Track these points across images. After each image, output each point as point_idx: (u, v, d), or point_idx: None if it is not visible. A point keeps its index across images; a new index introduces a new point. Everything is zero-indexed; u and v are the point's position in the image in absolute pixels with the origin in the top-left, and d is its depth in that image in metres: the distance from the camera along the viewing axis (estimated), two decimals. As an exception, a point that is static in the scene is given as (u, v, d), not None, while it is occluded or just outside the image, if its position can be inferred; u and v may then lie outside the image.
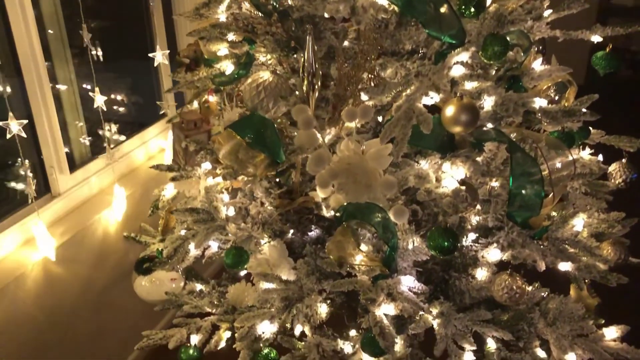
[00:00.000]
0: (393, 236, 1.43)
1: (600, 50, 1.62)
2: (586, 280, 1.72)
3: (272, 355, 1.61)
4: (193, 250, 1.92)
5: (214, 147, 1.50)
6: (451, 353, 1.55)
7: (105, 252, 2.17)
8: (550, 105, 1.56)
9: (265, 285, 1.62)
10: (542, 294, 1.67)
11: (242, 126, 1.50)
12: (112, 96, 2.75)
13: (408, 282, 1.46)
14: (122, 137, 2.44)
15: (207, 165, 1.62)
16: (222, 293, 1.84)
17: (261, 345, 1.63)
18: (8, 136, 1.72)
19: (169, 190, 2.03)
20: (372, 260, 1.48)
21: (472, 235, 1.59)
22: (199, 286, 1.86)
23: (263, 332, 1.60)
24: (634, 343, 1.56)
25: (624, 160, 1.80)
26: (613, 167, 1.81)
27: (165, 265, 1.72)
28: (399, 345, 1.55)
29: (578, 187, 1.82)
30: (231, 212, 1.65)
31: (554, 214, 1.66)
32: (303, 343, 1.57)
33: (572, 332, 1.55)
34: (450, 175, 1.37)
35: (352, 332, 1.70)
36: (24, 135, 1.70)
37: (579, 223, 1.55)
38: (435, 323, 1.53)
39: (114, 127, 2.45)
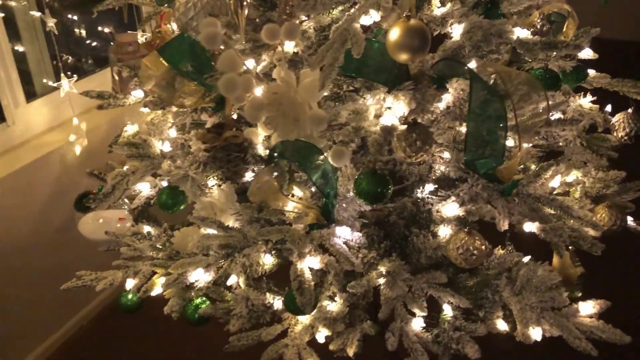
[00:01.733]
0: (330, 184, 1.25)
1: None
2: (570, 247, 1.50)
3: (203, 305, 1.47)
4: (147, 190, 1.79)
5: (139, 74, 1.33)
6: (397, 317, 1.38)
7: (63, 188, 2.07)
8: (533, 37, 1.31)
9: (206, 230, 1.48)
10: (516, 258, 1.46)
11: (169, 50, 1.33)
12: (99, 28, 2.61)
13: (344, 234, 1.28)
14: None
15: (138, 94, 1.46)
16: (172, 237, 1.71)
17: (193, 294, 1.49)
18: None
19: (132, 126, 1.89)
20: (307, 207, 1.31)
21: (429, 187, 1.39)
22: (147, 228, 1.73)
23: (196, 281, 1.46)
24: (615, 321, 1.34)
25: (630, 111, 1.53)
26: (617, 118, 1.55)
27: (102, 202, 1.59)
28: (337, 304, 1.38)
29: (572, 139, 1.58)
30: (167, 147, 1.50)
31: (533, 166, 1.43)
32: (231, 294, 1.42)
33: (540, 304, 1.35)
34: (392, 113, 1.16)
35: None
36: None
37: (556, 179, 1.32)
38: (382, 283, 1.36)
39: (90, 60, 2.31)
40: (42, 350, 2.23)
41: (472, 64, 1.30)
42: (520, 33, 1.30)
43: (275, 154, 1.26)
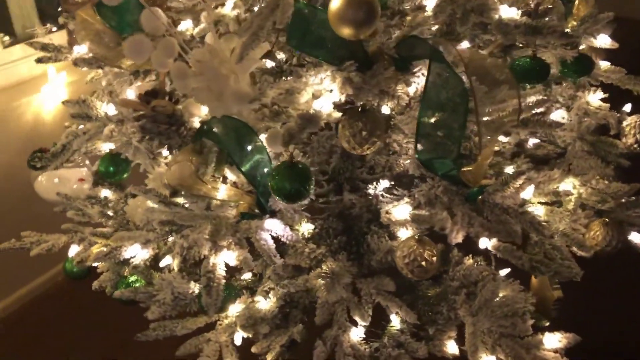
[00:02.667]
0: (261, 172, 1.10)
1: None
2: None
3: (137, 284, 1.37)
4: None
5: (75, 28, 1.20)
6: (335, 324, 1.23)
7: (36, 141, 1.99)
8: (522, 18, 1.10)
9: (150, 203, 1.36)
10: (484, 272, 1.27)
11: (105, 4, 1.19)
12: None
13: (275, 228, 1.13)
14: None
15: (82, 49, 1.33)
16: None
17: (126, 270, 1.39)
18: None
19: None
20: (240, 195, 1.16)
21: (385, 183, 1.21)
22: (105, 192, 1.63)
23: (133, 257, 1.36)
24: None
25: (644, 114, 1.30)
26: (627, 122, 1.32)
27: (49, 163, 1.50)
28: (269, 302, 1.24)
29: (572, 141, 1.36)
30: (112, 110, 1.38)
31: (510, 169, 1.23)
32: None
33: (500, 329, 1.16)
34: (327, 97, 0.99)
35: (246, 276, 1.42)
36: None
37: (529, 189, 1.13)
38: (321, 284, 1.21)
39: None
40: (10, 301, 2.21)
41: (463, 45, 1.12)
42: (506, 12, 1.09)
43: (199, 131, 1.11)
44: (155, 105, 1.13)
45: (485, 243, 1.15)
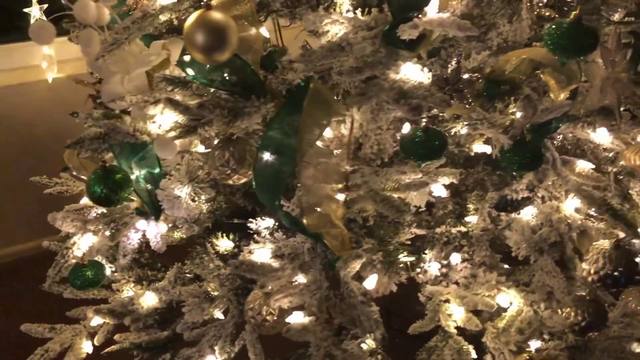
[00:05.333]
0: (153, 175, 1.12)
1: None
2: None
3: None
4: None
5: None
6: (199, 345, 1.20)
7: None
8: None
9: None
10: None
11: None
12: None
13: (148, 231, 1.16)
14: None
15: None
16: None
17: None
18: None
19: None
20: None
21: (269, 221, 1.14)
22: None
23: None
24: None
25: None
26: (596, 244, 1.02)
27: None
28: (154, 301, 1.26)
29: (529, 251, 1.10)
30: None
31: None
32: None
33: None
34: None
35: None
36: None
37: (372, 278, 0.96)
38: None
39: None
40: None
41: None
42: (410, 71, 0.93)
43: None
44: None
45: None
